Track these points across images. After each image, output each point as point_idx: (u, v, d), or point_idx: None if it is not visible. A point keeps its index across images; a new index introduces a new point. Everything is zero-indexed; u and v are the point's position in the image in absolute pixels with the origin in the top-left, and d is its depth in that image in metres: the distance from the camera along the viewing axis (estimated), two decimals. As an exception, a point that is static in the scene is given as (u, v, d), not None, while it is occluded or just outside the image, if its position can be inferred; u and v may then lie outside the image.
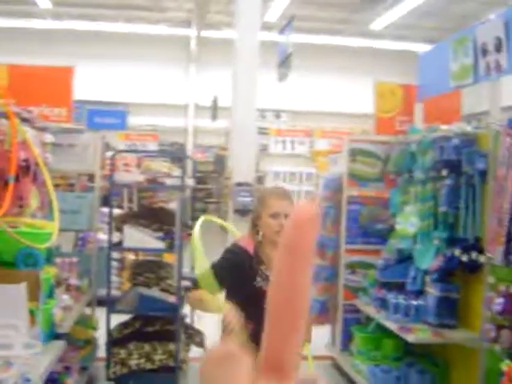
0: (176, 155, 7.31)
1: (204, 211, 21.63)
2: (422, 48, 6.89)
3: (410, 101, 6.37)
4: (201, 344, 6.09)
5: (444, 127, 5.11)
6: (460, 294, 4.93)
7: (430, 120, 5.86)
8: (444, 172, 4.86)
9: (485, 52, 4.81)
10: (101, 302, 6.04)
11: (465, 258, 4.60)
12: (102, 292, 6.03)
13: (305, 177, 13.47)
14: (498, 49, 4.62)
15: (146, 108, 18.56)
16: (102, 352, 5.87)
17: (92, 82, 16.15)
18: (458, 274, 4.98)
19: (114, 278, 7.90)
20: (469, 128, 4.85)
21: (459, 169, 4.71)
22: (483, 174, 4.54)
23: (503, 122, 4.28)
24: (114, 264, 8.50)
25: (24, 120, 4.41)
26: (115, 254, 8.40)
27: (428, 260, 5.04)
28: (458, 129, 4.91)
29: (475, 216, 4.61)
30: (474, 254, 4.51)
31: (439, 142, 5.02)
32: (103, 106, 10.31)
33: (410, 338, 4.79)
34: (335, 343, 6.54)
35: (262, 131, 14.10)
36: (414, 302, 5.10)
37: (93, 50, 17.43)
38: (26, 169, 4.02)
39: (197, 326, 6.40)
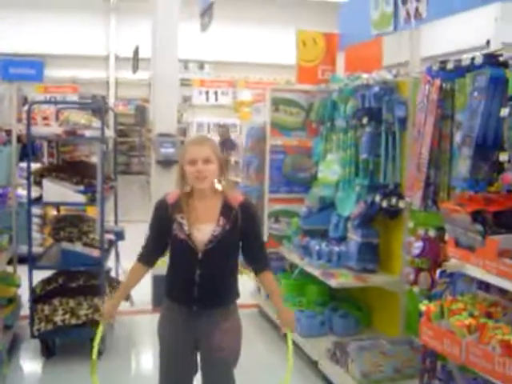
0: (95, 106, 7.12)
1: (127, 165, 21.36)
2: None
3: (332, 50, 6.37)
4: (127, 297, 6.05)
5: (365, 76, 5.14)
6: (380, 239, 5.05)
7: (351, 69, 5.87)
8: (364, 120, 4.92)
9: (405, 0, 4.84)
10: (23, 260, 5.91)
11: (385, 204, 4.70)
12: (24, 249, 5.89)
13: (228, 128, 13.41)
14: (418, -4, 4.65)
15: (65, 60, 17.96)
16: (25, 310, 5.77)
17: (6, 32, 15.50)
18: (378, 220, 5.09)
19: (35, 235, 7.75)
20: (389, 76, 4.90)
21: (379, 116, 4.77)
22: (403, 121, 4.62)
23: (422, 69, 4.33)
24: (36, 220, 8.32)
25: None
26: (36, 210, 8.22)
27: (349, 207, 5.13)
28: (378, 77, 4.95)
29: (395, 163, 4.69)
30: (393, 200, 4.62)
31: (360, 91, 5.06)
32: (19, 58, 9.92)
33: (333, 282, 4.90)
34: (260, 291, 6.62)
35: (186, 82, 13.89)
36: (337, 248, 5.20)
37: (5, -2, 16.69)
38: None
39: (122, 279, 6.35)
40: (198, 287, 3.15)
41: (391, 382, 4.48)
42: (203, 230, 3.13)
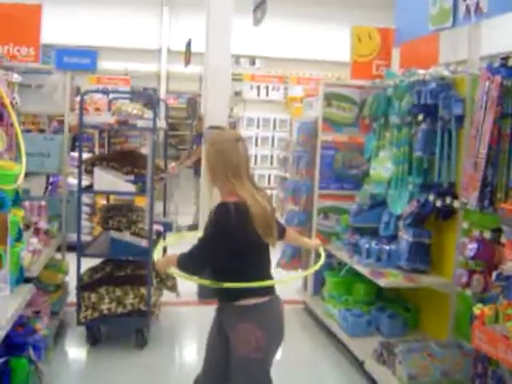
0: (148, 97, 7.15)
1: (177, 158, 21.52)
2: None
3: (387, 45, 6.26)
4: (173, 288, 6.07)
5: (421, 71, 5.03)
6: (432, 239, 4.93)
7: (406, 65, 5.76)
8: (420, 117, 4.81)
9: (465, -6, 4.71)
10: (71, 248, 5.97)
11: (439, 204, 4.59)
12: (73, 237, 5.94)
13: (278, 123, 13.35)
14: (479, -9, 4.52)
15: (118, 52, 18.17)
16: (72, 297, 5.83)
17: (60, 25, 15.72)
18: (430, 220, 4.98)
19: (84, 224, 7.82)
20: (446, 72, 4.78)
21: (435, 114, 4.66)
22: (459, 119, 4.50)
23: (482, 66, 4.21)
24: (85, 209, 8.41)
25: (-11, 58, 4.25)
26: (86, 199, 8.31)
27: (401, 205, 5.03)
28: (435, 73, 4.83)
29: (450, 161, 4.58)
30: (448, 200, 4.50)
31: (416, 87, 4.95)
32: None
33: (382, 282, 4.81)
34: (307, 288, 6.57)
35: (236, 77, 13.89)
36: (387, 247, 5.10)
37: (62, -10, 16.94)
38: (-8, 108, 3.88)
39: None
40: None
41: (439, 386, 4.39)
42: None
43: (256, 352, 3.15)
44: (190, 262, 3.19)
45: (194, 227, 9.49)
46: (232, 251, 3.13)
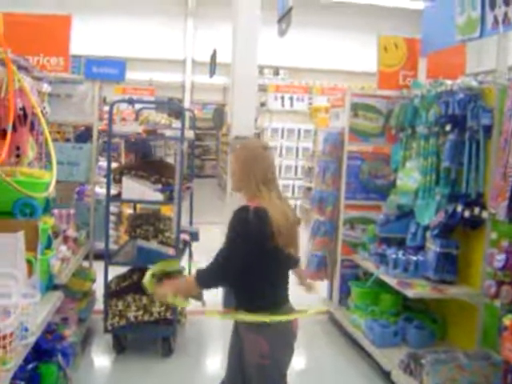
0: (175, 108, 7.21)
1: (201, 168, 21.62)
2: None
3: (414, 55, 6.25)
4: (198, 297, 6.08)
5: (449, 82, 5.03)
6: (460, 249, 4.91)
7: (433, 75, 5.75)
8: (448, 127, 4.80)
9: (493, 4, 4.69)
10: (98, 256, 6.02)
11: (467, 214, 4.57)
12: (99, 246, 5.99)
13: (303, 133, 13.38)
14: (507, 1, 4.50)
15: (143, 63, 18.35)
16: (99, 305, 5.87)
17: (88, 36, 15.91)
18: (458, 230, 4.95)
19: (111, 232, 7.87)
20: (474, 83, 4.77)
21: (463, 124, 4.65)
22: (488, 129, 4.49)
23: (511, 76, 4.20)
24: (111, 218, 8.47)
25: (21, 68, 4.30)
26: (112, 208, 8.37)
27: (429, 216, 5.01)
28: (463, 83, 4.82)
29: (478, 171, 4.56)
30: (476, 210, 4.48)
31: (443, 97, 4.94)
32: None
33: (410, 292, 4.78)
34: (332, 298, 6.55)
35: (260, 88, 13.95)
36: (414, 258, 5.08)
37: (90, 2, 17.13)
38: (24, 118, 3.94)
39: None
40: None
41: (467, 397, 4.35)
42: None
43: (264, 359, 3.17)
44: (211, 275, 3.18)
45: None
46: (250, 260, 3.10)
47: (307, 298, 3.66)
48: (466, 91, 4.72)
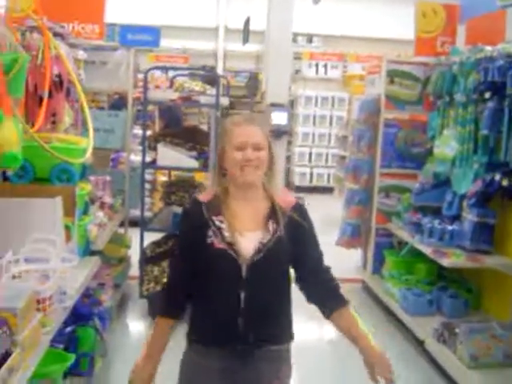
0: (209, 75, 7.18)
1: (233, 136, 21.57)
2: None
3: (453, 21, 6.13)
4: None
5: (489, 48, 4.91)
6: (497, 219, 4.84)
7: (472, 41, 5.63)
8: (487, 94, 4.70)
9: (535, -32, 4.57)
10: (133, 223, 6.08)
11: (505, 183, 4.49)
12: (134, 213, 6.05)
13: (337, 101, 13.26)
14: (550, -35, 4.38)
15: (176, 31, 18.24)
16: (134, 271, 5.94)
17: (122, 4, 15.87)
18: (495, 200, 4.88)
19: (146, 200, 7.94)
20: (515, 49, 4.66)
21: (503, 91, 4.55)
22: (528, 96, 4.39)
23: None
24: (146, 186, 8.53)
25: (56, 35, 4.32)
26: (147, 176, 8.41)
27: (466, 184, 4.95)
28: (503, 49, 4.71)
29: (517, 140, 4.48)
30: (514, 179, 4.41)
31: (483, 64, 4.84)
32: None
33: (445, 262, 4.75)
34: (366, 267, 6.53)
35: (295, 55, 13.84)
36: (450, 227, 5.03)
37: (123, -31, 17.08)
38: (59, 84, 3.95)
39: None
40: (243, 316, 2.31)
41: (501, 367, 4.33)
42: (248, 237, 2.34)
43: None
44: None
45: None
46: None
47: (342, 264, 3.59)
48: (506, 58, 4.61)
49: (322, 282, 2.45)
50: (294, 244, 2.38)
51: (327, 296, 2.45)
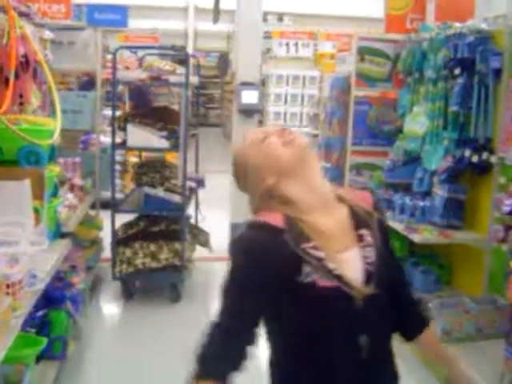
0: (179, 54, 7.12)
1: (205, 117, 21.51)
2: None
3: (422, -2, 6.13)
4: (206, 244, 6.12)
5: (458, 25, 4.92)
6: (467, 195, 4.88)
7: (442, 18, 5.63)
8: (456, 71, 4.71)
9: None
10: (104, 205, 6.05)
11: (475, 159, 4.53)
12: (105, 195, 6.01)
13: (308, 80, 13.24)
14: None
15: (146, 10, 18.09)
16: (107, 253, 5.91)
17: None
18: (466, 176, 4.92)
19: (116, 181, 7.89)
20: (484, 25, 4.67)
21: (472, 67, 4.56)
22: (497, 72, 4.41)
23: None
24: (117, 167, 8.47)
25: (22, 15, 4.23)
26: (117, 157, 8.36)
27: (436, 161, 4.97)
28: (472, 26, 4.72)
29: (487, 116, 4.50)
30: (484, 155, 4.44)
31: (452, 40, 4.85)
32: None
33: (416, 237, 4.78)
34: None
35: (265, 35, 13.78)
36: (421, 203, 5.06)
37: None
38: (26, 65, 3.88)
39: (201, 226, 6.41)
40: (366, 364, 1.74)
41: (472, 341, 4.38)
42: (348, 259, 1.76)
43: None
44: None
45: None
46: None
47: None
48: (476, 34, 4.62)
49: (406, 299, 2.02)
50: (391, 255, 1.95)
51: (411, 315, 2.02)
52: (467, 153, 4.61)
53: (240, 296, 1.79)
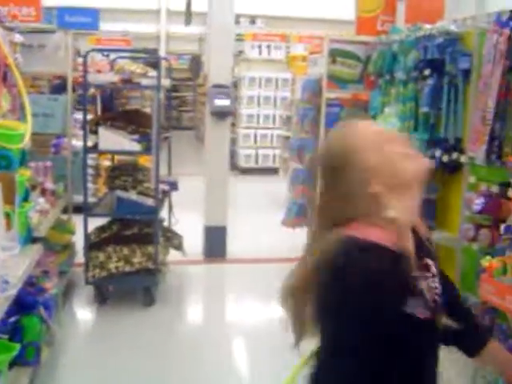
0: (153, 56, 7.10)
1: (178, 119, 21.46)
2: None
3: (393, 0, 6.18)
4: (179, 247, 6.10)
5: (428, 26, 4.97)
6: (438, 194, 4.93)
7: (412, 20, 5.69)
8: (426, 72, 4.76)
9: None
10: (76, 209, 6.01)
11: (445, 159, 4.57)
12: (78, 199, 5.96)
13: (281, 82, 13.28)
14: None
15: (117, 13, 18.00)
16: (80, 258, 5.87)
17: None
18: (437, 176, 4.96)
19: (89, 185, 7.83)
20: (453, 27, 4.72)
21: (442, 69, 4.61)
22: (466, 73, 4.45)
23: (491, 19, 4.16)
24: (89, 171, 8.41)
25: (-9, 18, 4.20)
26: (90, 161, 8.30)
27: (408, 162, 5.00)
28: (442, 27, 4.77)
29: (457, 116, 4.54)
30: (454, 155, 4.49)
31: (422, 42, 4.89)
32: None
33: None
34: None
35: (237, 37, 13.80)
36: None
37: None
38: (-5, 68, 3.85)
39: (174, 229, 6.40)
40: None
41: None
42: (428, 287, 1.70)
43: None
44: None
45: None
46: None
47: (287, 243, 3.63)
48: (445, 35, 4.67)
49: (463, 315, 1.93)
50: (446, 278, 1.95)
51: (471, 330, 1.97)
52: (438, 153, 4.65)
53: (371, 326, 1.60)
